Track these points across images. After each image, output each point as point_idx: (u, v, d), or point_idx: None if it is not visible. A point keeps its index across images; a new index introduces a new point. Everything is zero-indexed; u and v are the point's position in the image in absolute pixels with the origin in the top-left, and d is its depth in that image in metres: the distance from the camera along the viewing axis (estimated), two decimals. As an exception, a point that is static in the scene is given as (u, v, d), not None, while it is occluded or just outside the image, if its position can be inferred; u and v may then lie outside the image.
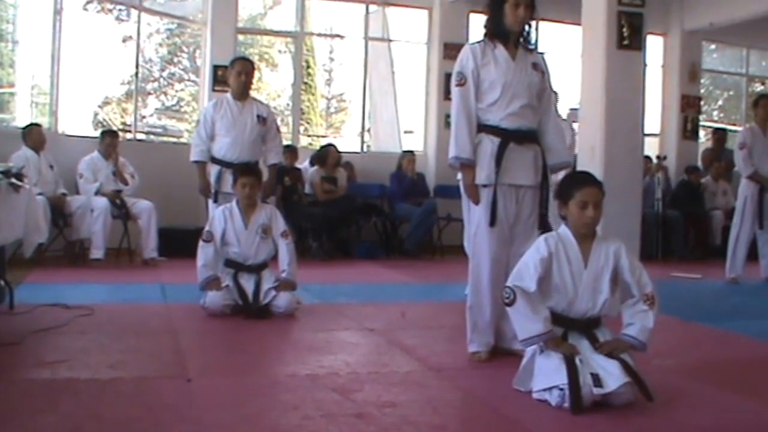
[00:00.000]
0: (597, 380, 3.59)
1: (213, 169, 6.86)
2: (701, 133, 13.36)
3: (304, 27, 12.73)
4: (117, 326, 5.43)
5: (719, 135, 12.90)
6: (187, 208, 9.48)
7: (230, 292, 5.97)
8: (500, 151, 4.58)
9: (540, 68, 4.76)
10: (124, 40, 14.25)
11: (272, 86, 18.63)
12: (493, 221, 4.58)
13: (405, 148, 12.26)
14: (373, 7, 12.58)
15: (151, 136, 14.44)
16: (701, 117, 13.61)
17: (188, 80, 17.51)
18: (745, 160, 8.75)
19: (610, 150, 7.61)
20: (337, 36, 15.59)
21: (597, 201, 3.86)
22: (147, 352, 4.73)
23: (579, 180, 4.01)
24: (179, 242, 9.05)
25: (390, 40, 13.86)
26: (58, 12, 10.09)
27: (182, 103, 17.74)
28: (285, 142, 9.07)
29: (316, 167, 10.81)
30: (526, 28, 4.73)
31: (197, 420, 3.39)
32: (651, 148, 11.99)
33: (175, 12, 12.66)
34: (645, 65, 8.10)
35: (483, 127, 4.65)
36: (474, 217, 4.70)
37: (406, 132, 14.31)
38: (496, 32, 4.70)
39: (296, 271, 6.15)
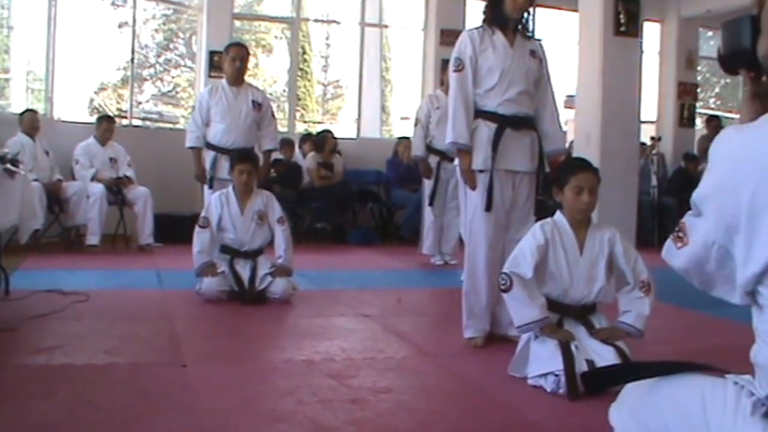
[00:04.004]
0: (592, 366, 3.61)
1: (208, 155, 6.86)
2: (698, 120, 13.35)
3: (300, 13, 12.69)
4: (113, 312, 5.44)
5: (714, 123, 12.88)
6: (183, 194, 9.48)
7: (226, 278, 5.96)
8: (497, 136, 4.59)
9: (538, 55, 4.77)
10: (119, 26, 14.18)
11: (268, 72, 18.58)
12: (489, 206, 4.58)
13: (399, 135, 12.25)
14: (369, -7, 12.55)
15: (147, 122, 14.39)
16: (698, 104, 13.59)
17: (184, 66, 17.44)
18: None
19: (606, 137, 7.63)
20: (334, 22, 15.52)
21: (592, 187, 3.86)
22: (142, 338, 4.73)
23: (574, 165, 4.01)
24: (175, 228, 9.05)
25: (386, 26, 13.85)
26: (53, -3, 10.06)
27: (178, 89, 17.66)
28: (280, 129, 9.07)
29: (312, 153, 10.80)
30: (525, 15, 4.73)
31: (192, 406, 3.39)
32: (647, 135, 11.99)
33: (171, -3, 12.63)
34: (642, 52, 8.11)
35: (480, 113, 4.65)
36: (470, 202, 4.70)
37: (402, 118, 14.31)
38: (494, 19, 4.70)
39: (292, 257, 6.15)
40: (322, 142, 10.81)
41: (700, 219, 1.87)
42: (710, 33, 14.15)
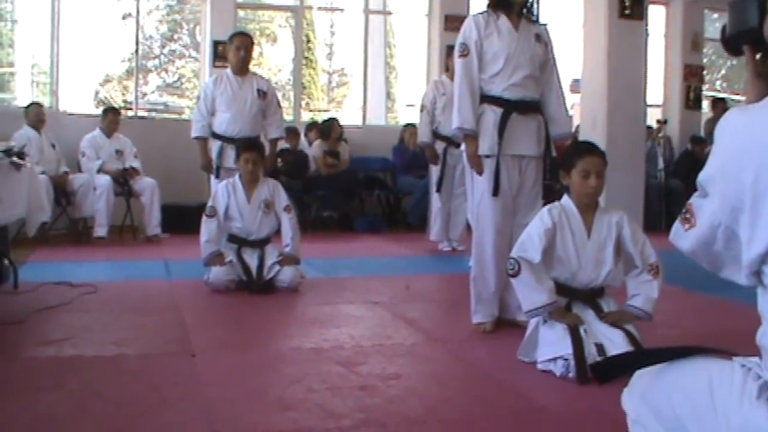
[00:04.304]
0: (601, 350, 3.61)
1: (214, 145, 6.85)
2: (704, 102, 13.28)
3: (303, 1, 12.64)
4: (121, 303, 5.45)
5: (720, 105, 12.81)
6: (190, 184, 9.47)
7: (234, 267, 5.97)
8: (503, 121, 4.57)
9: (543, 39, 4.76)
10: (123, 18, 14.14)
11: (273, 61, 18.53)
12: (496, 191, 4.58)
13: (404, 122, 12.22)
14: (373, -20, 12.50)
15: (153, 114, 14.37)
16: (704, 87, 13.52)
17: (189, 57, 17.42)
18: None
19: (612, 121, 7.59)
20: (338, 9, 15.48)
21: (599, 170, 3.85)
22: (151, 328, 4.74)
23: (581, 149, 4.00)
24: (182, 219, 9.06)
25: (390, 13, 13.79)
26: (56, -10, 10.05)
27: (183, 80, 17.65)
28: (286, 117, 9.07)
29: (318, 141, 10.79)
30: (530, -1, 4.72)
31: (202, 395, 3.40)
32: (653, 118, 11.93)
33: (174, -12, 12.61)
34: (647, 35, 8.06)
35: (486, 98, 4.64)
36: (477, 187, 4.69)
37: (408, 105, 14.26)
38: (499, 3, 4.68)
39: (300, 246, 6.15)
40: (328, 130, 10.78)
41: (706, 200, 1.87)
42: (716, 15, 14.06)
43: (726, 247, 1.84)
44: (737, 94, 15.05)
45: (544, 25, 4.90)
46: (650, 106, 9.42)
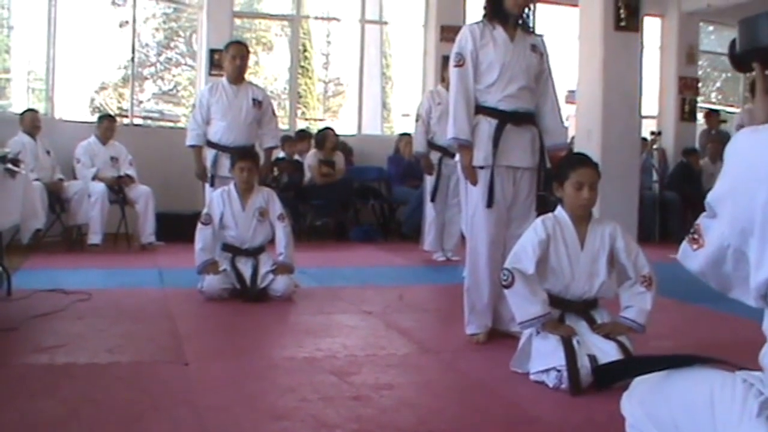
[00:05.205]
0: (594, 361, 3.60)
1: (209, 153, 6.87)
2: (699, 115, 13.31)
3: (300, 10, 12.67)
4: (115, 311, 5.44)
5: (714, 117, 12.84)
6: (185, 192, 9.48)
7: (228, 276, 5.97)
8: (497, 132, 4.57)
9: (538, 50, 4.76)
10: (120, 25, 14.15)
11: (269, 70, 18.53)
12: (490, 202, 4.58)
13: (400, 131, 12.25)
14: (369, -10, 12.53)
15: (148, 121, 14.37)
16: (699, 99, 13.55)
17: (185, 65, 17.41)
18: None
19: (607, 132, 7.62)
20: (334, 19, 15.51)
21: (593, 182, 3.85)
22: (145, 336, 4.74)
23: (575, 161, 4.01)
24: (177, 227, 9.04)
25: (386, 23, 13.82)
26: (53, -4, 10.06)
27: (179, 88, 17.64)
28: (282, 126, 9.08)
29: (314, 150, 10.78)
30: (526, 10, 4.72)
31: (195, 403, 3.39)
32: (648, 130, 11.96)
33: (172, -4, 12.61)
34: (642, 47, 8.09)
35: (481, 109, 4.64)
36: (472, 198, 4.69)
37: (403, 115, 14.28)
38: (495, 14, 4.68)
39: (293, 255, 6.14)
40: (323, 139, 10.78)
41: (714, 220, 1.85)
42: (711, 27, 14.11)
43: (735, 268, 1.82)
44: (732, 107, 15.08)
45: (540, 36, 4.90)
46: (645, 117, 9.45)
